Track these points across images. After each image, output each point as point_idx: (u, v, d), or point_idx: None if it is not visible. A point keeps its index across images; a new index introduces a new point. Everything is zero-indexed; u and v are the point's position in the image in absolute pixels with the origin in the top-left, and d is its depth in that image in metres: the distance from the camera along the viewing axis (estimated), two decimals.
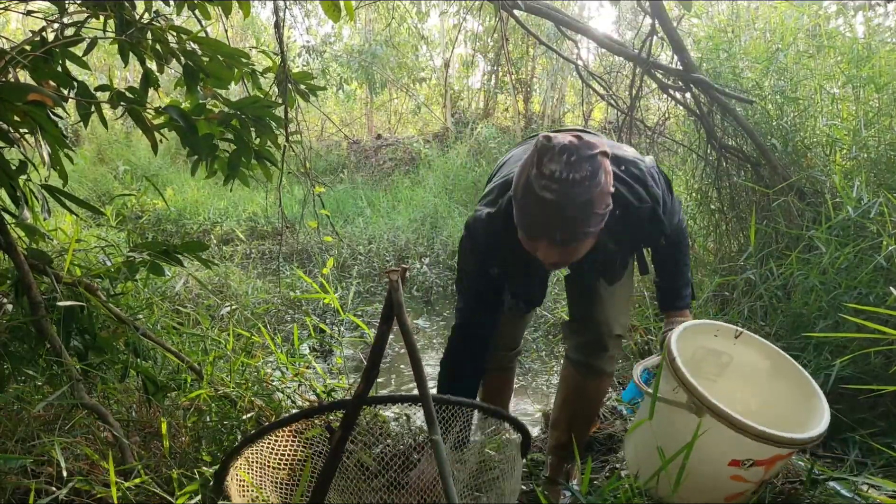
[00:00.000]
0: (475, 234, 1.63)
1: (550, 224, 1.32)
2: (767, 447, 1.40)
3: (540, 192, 1.30)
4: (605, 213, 1.37)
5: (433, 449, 1.22)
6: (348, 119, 11.42)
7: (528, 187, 1.33)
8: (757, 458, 1.42)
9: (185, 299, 3.44)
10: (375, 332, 1.34)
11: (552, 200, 1.29)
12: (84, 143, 9.62)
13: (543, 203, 1.30)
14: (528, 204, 1.34)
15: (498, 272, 1.62)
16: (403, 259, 5.48)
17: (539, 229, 1.35)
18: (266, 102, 1.87)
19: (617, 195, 1.48)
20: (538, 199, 1.30)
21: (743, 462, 1.43)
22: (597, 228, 1.37)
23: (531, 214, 1.35)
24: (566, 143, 1.31)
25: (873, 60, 2.60)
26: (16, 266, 1.56)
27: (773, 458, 1.44)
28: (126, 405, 1.73)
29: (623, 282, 1.82)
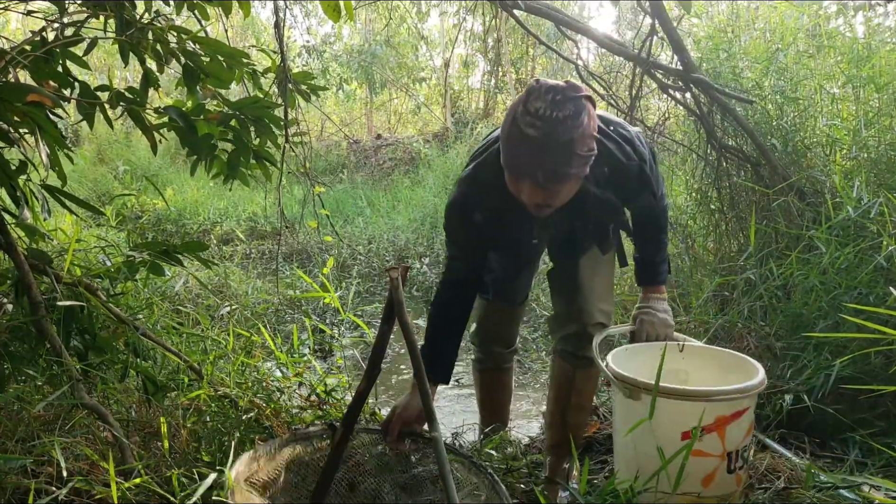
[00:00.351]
0: (463, 185, 1.66)
1: (532, 162, 1.36)
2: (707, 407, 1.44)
3: (524, 128, 1.33)
4: (588, 156, 1.39)
5: (434, 446, 1.22)
6: (348, 119, 11.42)
7: (513, 124, 1.37)
8: (703, 424, 1.44)
9: (185, 299, 3.44)
10: (376, 331, 1.34)
11: (535, 137, 1.32)
12: (84, 143, 9.62)
13: (526, 139, 1.34)
14: (512, 140, 1.38)
15: (481, 218, 1.62)
16: (403, 259, 5.48)
17: (522, 167, 1.39)
18: (266, 103, 1.87)
19: (606, 152, 1.53)
20: (522, 135, 1.34)
21: (692, 433, 1.44)
22: (579, 171, 1.39)
23: (515, 151, 1.38)
24: (553, 84, 1.36)
25: (873, 60, 2.60)
26: (16, 266, 1.56)
27: (719, 421, 1.46)
28: (126, 405, 1.73)
29: (603, 269, 1.86)
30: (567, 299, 1.84)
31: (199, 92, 1.84)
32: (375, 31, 9.82)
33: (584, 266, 1.83)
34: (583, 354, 1.82)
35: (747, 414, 1.51)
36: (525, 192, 1.43)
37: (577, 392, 1.88)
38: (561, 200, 1.47)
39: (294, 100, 2.21)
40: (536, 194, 1.42)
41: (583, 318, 1.79)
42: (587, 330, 1.79)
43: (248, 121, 1.88)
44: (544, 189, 1.40)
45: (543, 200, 1.44)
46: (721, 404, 1.46)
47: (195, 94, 1.83)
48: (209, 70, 1.81)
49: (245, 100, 1.86)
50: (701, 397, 1.46)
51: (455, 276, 1.74)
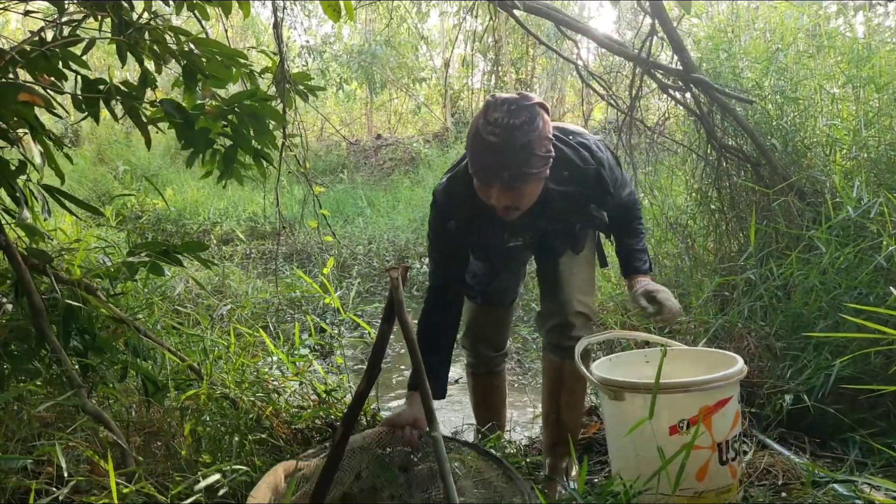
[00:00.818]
0: (438, 196, 1.79)
1: (497, 165, 1.50)
2: (687, 400, 1.51)
3: (486, 136, 1.49)
4: (547, 157, 1.54)
5: (433, 446, 1.22)
6: (348, 119, 11.42)
7: (476, 134, 1.52)
8: (687, 415, 1.50)
9: (185, 299, 3.44)
10: (376, 331, 1.34)
11: (496, 143, 1.48)
12: (84, 143, 9.62)
13: (489, 146, 1.49)
14: (476, 149, 1.52)
15: (455, 225, 1.75)
16: (403, 259, 5.48)
17: (488, 172, 1.52)
18: (262, 95, 1.87)
19: (564, 158, 1.68)
20: (485, 143, 1.49)
21: (679, 425, 1.51)
22: (540, 171, 1.53)
23: (480, 158, 1.53)
24: (507, 96, 1.53)
25: (873, 60, 2.59)
26: (14, 270, 1.56)
27: (703, 411, 1.50)
28: (126, 405, 1.73)
29: (581, 266, 1.94)
30: (549, 295, 1.92)
31: (198, 92, 1.84)
32: (375, 31, 9.82)
33: (563, 263, 1.93)
34: (567, 344, 1.85)
35: (731, 403, 1.55)
36: (493, 196, 1.55)
37: (568, 390, 1.91)
38: (527, 201, 1.60)
39: (292, 100, 2.21)
40: (504, 196, 1.54)
41: (564, 308, 1.87)
42: (569, 319, 1.86)
43: (246, 117, 1.88)
44: (510, 190, 1.53)
45: (511, 202, 1.57)
46: (702, 394, 1.51)
47: (194, 93, 1.82)
48: (208, 70, 1.81)
49: (241, 93, 1.86)
50: (680, 388, 1.52)
51: (436, 282, 1.85)
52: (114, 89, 1.67)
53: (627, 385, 1.58)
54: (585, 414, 2.43)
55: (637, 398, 1.56)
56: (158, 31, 1.70)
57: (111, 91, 1.66)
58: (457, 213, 1.75)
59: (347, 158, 9.48)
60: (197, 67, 1.78)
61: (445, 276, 1.85)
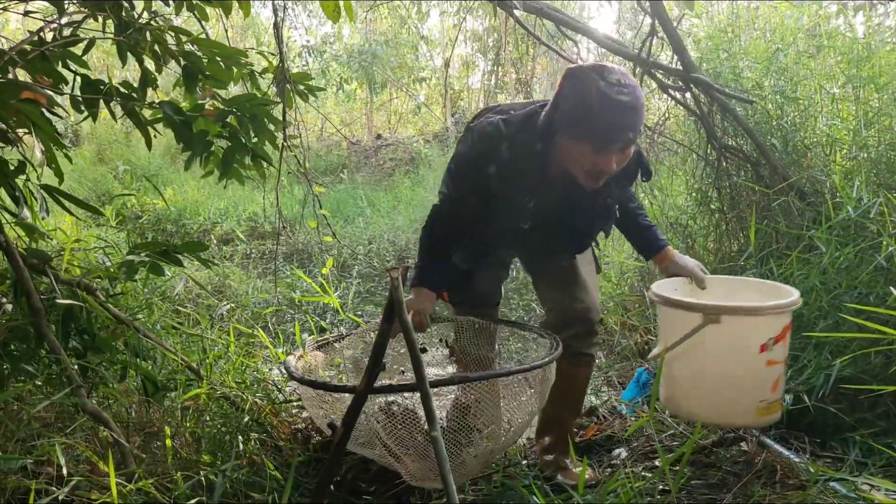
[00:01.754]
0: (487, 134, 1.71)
1: (628, 125, 1.52)
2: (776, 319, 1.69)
3: (617, 97, 1.49)
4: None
5: (433, 446, 1.22)
6: (348, 119, 11.41)
7: (603, 96, 1.49)
8: (774, 333, 1.69)
9: (185, 299, 3.44)
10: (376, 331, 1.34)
11: (629, 102, 1.50)
12: (84, 143, 9.61)
13: (623, 106, 1.50)
14: (607, 112, 1.50)
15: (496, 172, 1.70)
16: (404, 259, 5.48)
17: (618, 133, 1.52)
18: (262, 100, 1.87)
19: None
20: (618, 104, 1.49)
21: (767, 343, 1.68)
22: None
23: (612, 121, 1.51)
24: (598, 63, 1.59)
25: (873, 60, 2.59)
26: (14, 270, 1.56)
27: (784, 330, 1.71)
28: (125, 405, 1.73)
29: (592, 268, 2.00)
30: (566, 299, 1.89)
31: (198, 92, 1.84)
32: (376, 31, 9.82)
33: (582, 264, 1.93)
34: (588, 352, 1.89)
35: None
36: (605, 160, 1.55)
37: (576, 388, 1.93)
38: (623, 164, 1.62)
39: (292, 100, 2.21)
40: (619, 158, 1.57)
41: (589, 315, 1.87)
42: (593, 327, 1.87)
43: (246, 118, 1.88)
44: (625, 148, 1.56)
45: (618, 164, 1.58)
46: (784, 315, 1.72)
47: (194, 94, 1.82)
48: (208, 71, 1.81)
49: (241, 96, 1.86)
50: (774, 310, 1.69)
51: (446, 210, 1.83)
52: (114, 90, 1.67)
53: (727, 308, 1.70)
54: (585, 415, 2.43)
55: (734, 320, 1.69)
56: (158, 31, 1.70)
57: (111, 91, 1.66)
58: (504, 160, 1.69)
59: (348, 158, 9.48)
60: (197, 68, 1.78)
61: (456, 212, 1.82)
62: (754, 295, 1.91)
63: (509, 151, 1.68)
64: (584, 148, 1.56)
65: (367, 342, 2.05)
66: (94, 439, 1.50)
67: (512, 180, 1.71)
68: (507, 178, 1.70)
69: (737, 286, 2.01)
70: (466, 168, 1.77)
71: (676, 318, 1.78)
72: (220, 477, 1.40)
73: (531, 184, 1.73)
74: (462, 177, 1.79)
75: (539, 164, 1.70)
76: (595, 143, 1.54)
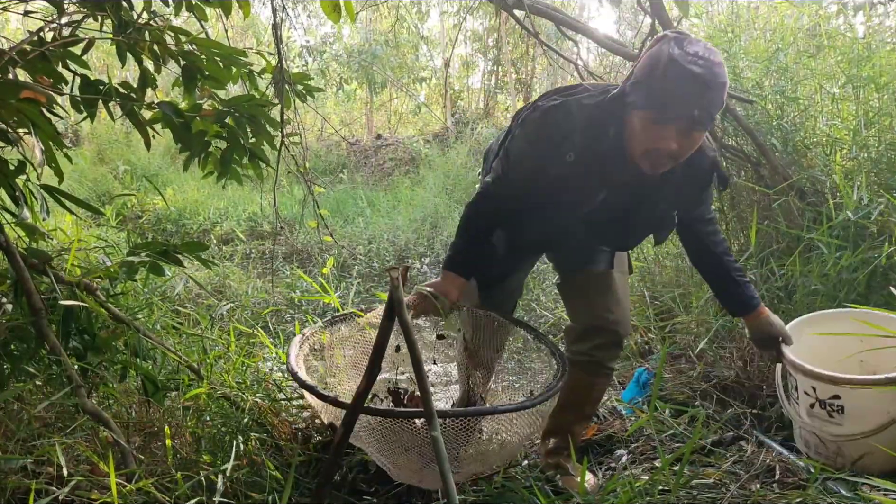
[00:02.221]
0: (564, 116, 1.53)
1: (693, 99, 1.37)
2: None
3: (688, 65, 1.35)
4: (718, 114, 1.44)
5: (433, 446, 1.22)
6: (348, 119, 11.41)
7: (672, 63, 1.36)
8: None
9: (185, 299, 3.44)
10: (376, 331, 1.34)
11: (700, 74, 1.35)
12: (84, 143, 9.60)
13: (692, 76, 1.35)
14: (672, 79, 1.37)
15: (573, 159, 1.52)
16: (404, 259, 5.48)
17: (680, 105, 1.38)
18: (260, 101, 1.87)
19: None
20: (686, 73, 1.35)
21: None
22: (712, 126, 1.46)
23: (675, 89, 1.38)
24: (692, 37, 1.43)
25: (873, 60, 2.59)
26: (14, 271, 1.56)
27: None
28: (125, 405, 1.73)
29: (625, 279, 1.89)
30: (601, 307, 1.80)
31: (197, 92, 1.84)
32: (376, 31, 9.82)
33: (617, 271, 1.84)
34: (611, 365, 1.84)
35: None
36: (664, 138, 1.41)
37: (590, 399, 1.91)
38: (688, 153, 1.46)
39: (290, 101, 2.21)
40: (682, 139, 1.41)
41: (619, 329, 1.80)
42: (620, 342, 1.82)
43: (244, 119, 1.88)
44: (690, 132, 1.41)
45: (678, 147, 1.42)
46: None
47: (193, 94, 1.82)
48: (207, 71, 1.80)
49: (240, 97, 1.86)
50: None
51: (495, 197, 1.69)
52: (113, 90, 1.67)
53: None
54: None
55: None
56: (158, 31, 1.70)
57: (110, 91, 1.66)
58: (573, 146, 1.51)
59: (347, 158, 9.47)
60: (196, 68, 1.78)
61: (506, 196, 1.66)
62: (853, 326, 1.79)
63: (580, 137, 1.51)
64: (644, 118, 1.42)
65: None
66: (94, 439, 1.50)
67: (580, 169, 1.53)
68: (575, 166, 1.53)
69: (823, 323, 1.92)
70: (528, 152, 1.60)
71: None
72: (220, 477, 1.40)
73: (602, 174, 1.56)
74: (521, 161, 1.62)
75: (613, 152, 1.52)
76: (654, 111, 1.40)
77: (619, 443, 2.19)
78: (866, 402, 1.68)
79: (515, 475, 1.92)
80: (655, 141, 1.42)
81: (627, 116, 1.47)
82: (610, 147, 1.51)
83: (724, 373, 2.37)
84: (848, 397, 1.70)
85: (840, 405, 1.71)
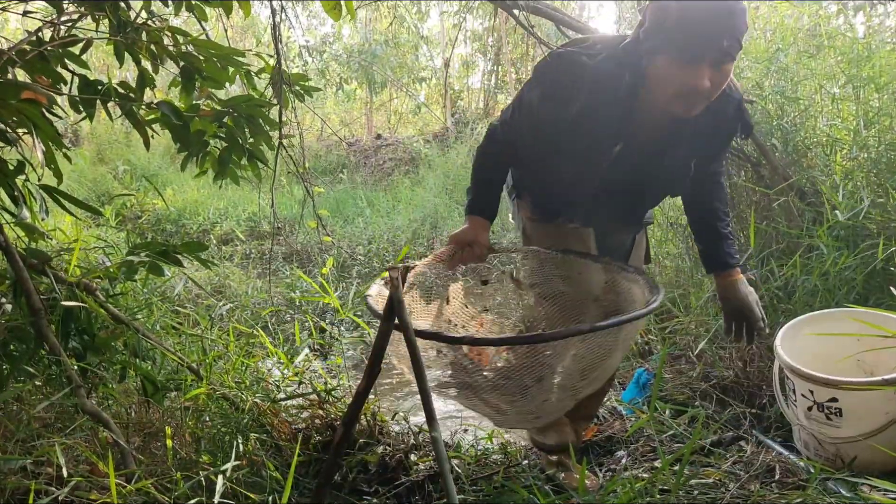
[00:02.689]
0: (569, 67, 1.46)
1: (720, 29, 1.28)
2: None
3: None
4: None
5: (433, 447, 1.22)
6: (348, 119, 11.41)
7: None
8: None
9: (185, 299, 3.44)
10: (376, 331, 1.34)
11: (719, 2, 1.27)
12: (84, 142, 9.61)
13: (712, 7, 1.27)
14: (691, 15, 1.28)
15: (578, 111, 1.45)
16: (404, 259, 5.48)
17: (706, 40, 1.29)
18: (258, 101, 1.87)
19: None
20: (703, 5, 1.28)
21: None
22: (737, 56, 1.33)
23: (697, 25, 1.29)
24: None
25: (873, 60, 2.59)
26: (14, 271, 1.56)
27: None
28: (125, 405, 1.73)
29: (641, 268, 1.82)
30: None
31: (195, 93, 1.84)
32: (376, 31, 9.82)
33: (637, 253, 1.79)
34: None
35: None
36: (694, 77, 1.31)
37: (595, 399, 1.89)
38: (722, 87, 1.36)
39: (289, 101, 2.21)
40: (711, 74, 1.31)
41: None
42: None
43: (243, 119, 1.88)
44: (721, 64, 1.31)
45: (712, 84, 1.33)
46: None
47: (191, 94, 1.82)
48: (206, 71, 1.81)
49: (238, 97, 1.86)
50: None
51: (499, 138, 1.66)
52: (112, 90, 1.67)
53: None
54: None
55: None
56: (156, 31, 1.70)
57: (109, 92, 1.66)
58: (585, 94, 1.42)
59: (347, 158, 9.47)
60: (194, 68, 1.78)
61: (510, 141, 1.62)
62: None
63: (589, 87, 1.42)
64: (670, 61, 1.32)
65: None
66: (94, 439, 1.50)
67: (590, 120, 1.45)
68: (583, 117, 1.45)
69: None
70: (534, 100, 1.53)
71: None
72: (219, 477, 1.40)
73: (616, 125, 1.47)
74: (527, 107, 1.55)
75: (627, 102, 1.43)
76: (679, 53, 1.31)
77: (619, 443, 2.19)
78: (864, 404, 1.67)
79: (515, 475, 1.92)
80: (686, 82, 1.32)
81: (648, 65, 1.38)
82: (624, 97, 1.42)
83: (723, 373, 2.37)
84: (845, 399, 1.69)
85: (838, 408, 1.71)
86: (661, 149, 1.53)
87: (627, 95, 1.42)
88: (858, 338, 1.70)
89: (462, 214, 1.79)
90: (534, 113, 1.54)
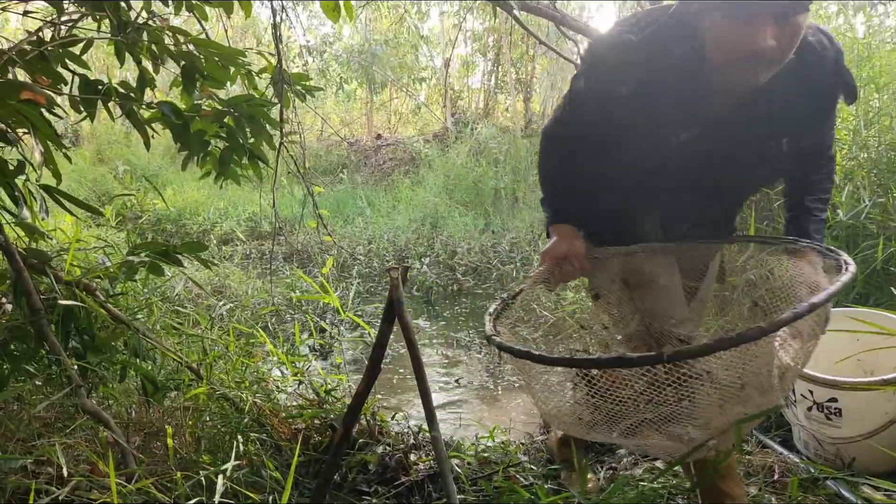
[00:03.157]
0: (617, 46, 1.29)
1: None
2: None
3: None
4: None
5: (433, 446, 1.22)
6: (348, 119, 11.42)
7: None
8: None
9: (185, 299, 3.44)
10: (376, 331, 1.34)
11: None
12: (84, 142, 9.62)
13: None
14: None
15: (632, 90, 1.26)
16: (403, 259, 5.48)
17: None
18: (260, 101, 1.87)
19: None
20: None
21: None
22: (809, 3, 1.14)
23: None
24: None
25: (873, 60, 2.59)
26: (14, 271, 1.56)
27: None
28: (125, 405, 1.73)
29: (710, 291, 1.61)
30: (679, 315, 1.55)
31: (196, 92, 1.84)
32: (376, 31, 9.83)
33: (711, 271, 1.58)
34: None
35: None
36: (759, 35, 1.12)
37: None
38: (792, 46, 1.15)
39: (289, 101, 2.21)
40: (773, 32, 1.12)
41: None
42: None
43: (243, 118, 1.88)
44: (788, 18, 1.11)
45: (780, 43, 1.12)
46: None
47: (192, 94, 1.82)
48: (206, 71, 1.81)
49: (239, 97, 1.86)
50: None
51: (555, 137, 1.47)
52: (112, 90, 1.67)
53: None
54: None
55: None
56: (157, 31, 1.70)
57: (109, 91, 1.66)
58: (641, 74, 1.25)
59: (348, 158, 9.48)
60: (195, 68, 1.78)
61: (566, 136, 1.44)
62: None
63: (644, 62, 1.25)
64: (726, 23, 1.14)
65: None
66: (94, 439, 1.50)
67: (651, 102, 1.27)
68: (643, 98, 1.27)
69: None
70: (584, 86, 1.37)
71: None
72: (220, 477, 1.40)
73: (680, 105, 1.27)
74: (577, 96, 1.39)
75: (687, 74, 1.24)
76: (737, 10, 1.12)
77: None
78: (864, 405, 1.67)
79: (515, 474, 1.92)
80: (749, 45, 1.13)
81: (702, 29, 1.20)
82: (681, 71, 1.23)
83: None
84: (845, 400, 1.70)
85: (837, 408, 1.71)
86: (738, 130, 1.30)
87: (685, 68, 1.23)
88: (858, 338, 1.70)
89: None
90: (584, 101, 1.38)
